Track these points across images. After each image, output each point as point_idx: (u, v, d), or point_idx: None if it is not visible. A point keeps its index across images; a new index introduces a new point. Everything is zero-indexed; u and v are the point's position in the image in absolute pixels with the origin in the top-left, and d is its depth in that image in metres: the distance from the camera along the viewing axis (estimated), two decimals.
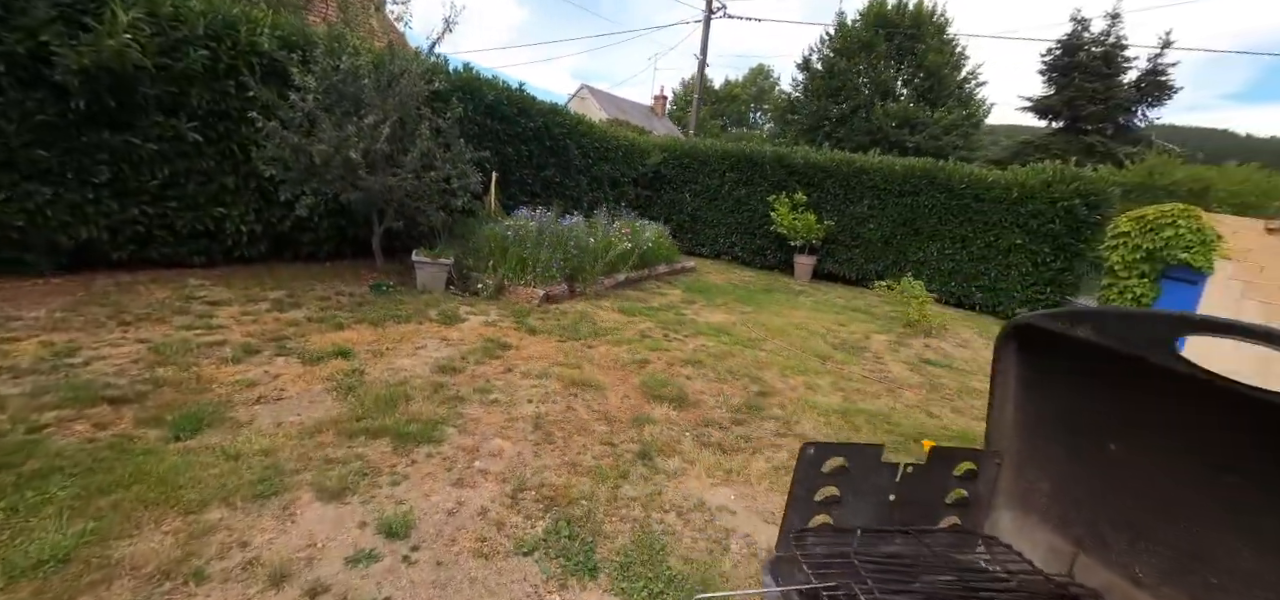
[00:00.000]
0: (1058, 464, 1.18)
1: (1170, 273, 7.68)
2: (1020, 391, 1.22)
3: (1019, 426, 1.24)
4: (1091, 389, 1.12)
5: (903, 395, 5.27)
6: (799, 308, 8.98)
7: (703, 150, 13.83)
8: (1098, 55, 21.47)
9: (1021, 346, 1.19)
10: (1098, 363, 1.05)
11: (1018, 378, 1.21)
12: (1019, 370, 1.21)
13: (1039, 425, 1.20)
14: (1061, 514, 1.15)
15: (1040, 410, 1.20)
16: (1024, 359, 1.20)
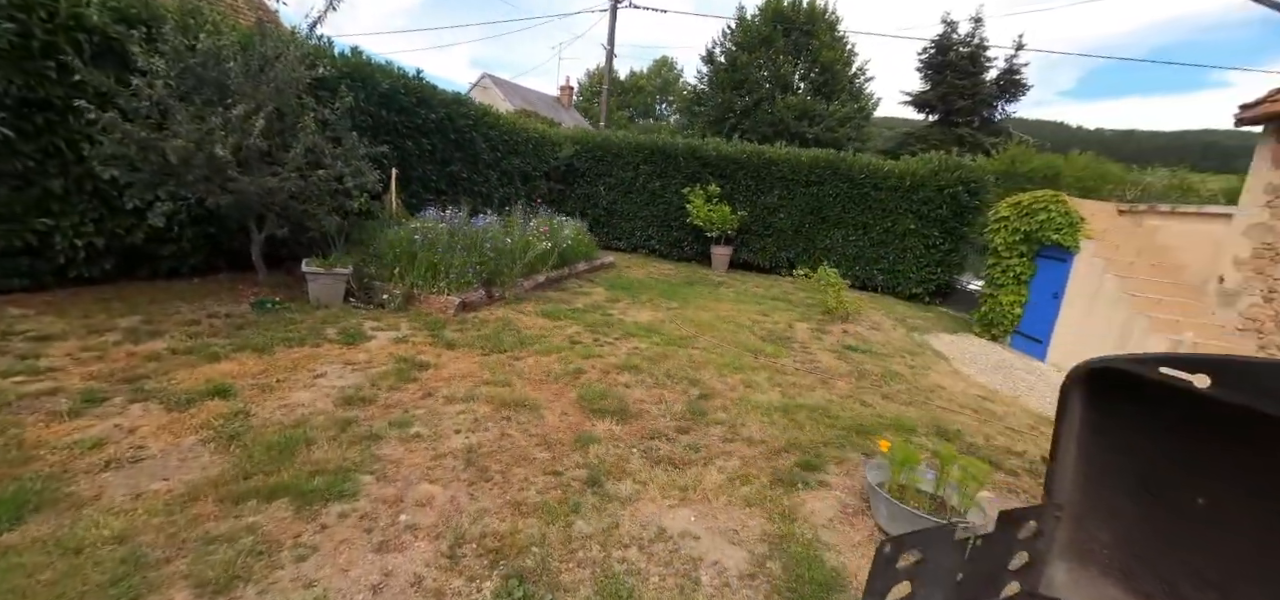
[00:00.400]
0: (1123, 516, 1.07)
1: (1044, 252, 8.52)
2: (1086, 437, 1.10)
3: (1080, 476, 1.11)
4: (1177, 437, 1.01)
5: (835, 385, 5.37)
6: (722, 300, 9.03)
7: (616, 142, 13.58)
8: (965, 55, 23.76)
9: (1091, 390, 1.07)
10: (1190, 410, 0.93)
11: (1085, 422, 1.09)
12: (1086, 414, 1.08)
13: (1104, 475, 1.09)
14: (1124, 566, 1.05)
15: (1106, 458, 1.08)
16: (1093, 403, 1.07)
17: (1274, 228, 6.44)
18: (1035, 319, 8.55)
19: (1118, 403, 1.06)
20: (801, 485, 3.44)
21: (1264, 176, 6.60)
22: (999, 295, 9.08)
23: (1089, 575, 1.10)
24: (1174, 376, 0.91)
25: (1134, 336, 6.82)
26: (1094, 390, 1.07)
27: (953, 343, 8.53)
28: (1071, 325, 7.79)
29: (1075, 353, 7.62)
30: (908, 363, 6.67)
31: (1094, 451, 1.10)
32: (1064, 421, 1.12)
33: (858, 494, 3.43)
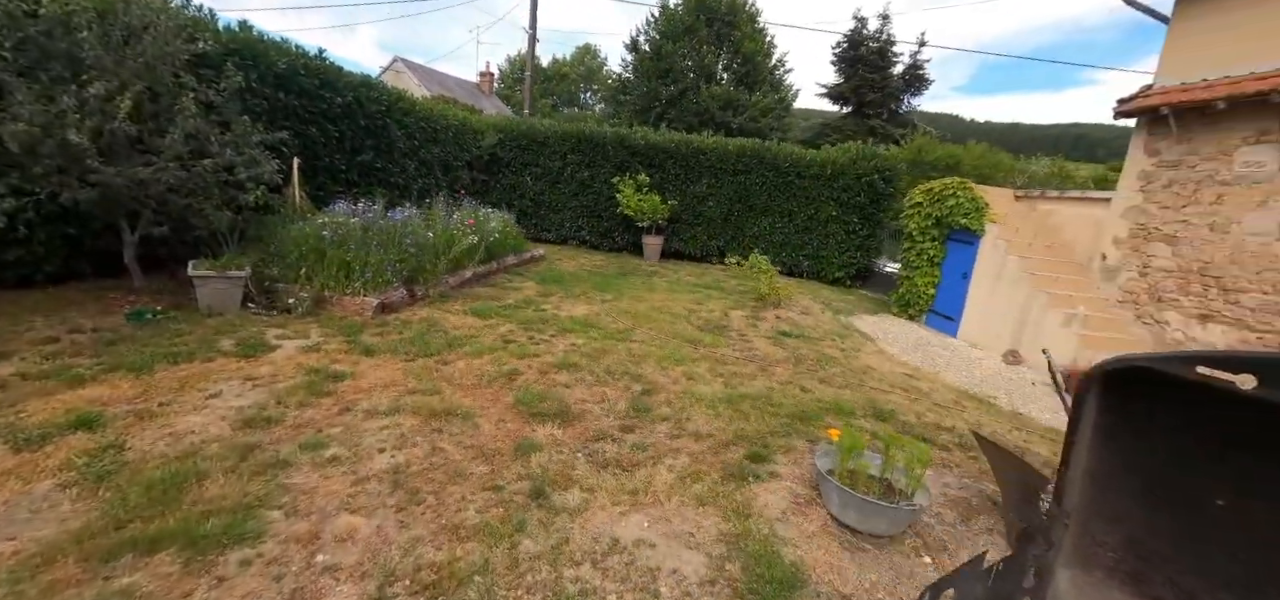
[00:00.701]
0: (1133, 518, 1.01)
1: (954, 235, 9.09)
2: (1097, 440, 1.03)
3: (1089, 478, 1.05)
4: (1200, 437, 0.95)
5: (775, 373, 5.41)
6: (656, 290, 8.95)
7: (541, 131, 13.15)
8: (874, 50, 25.08)
9: (1106, 389, 1.00)
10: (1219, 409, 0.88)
11: (1097, 426, 1.02)
12: (1099, 417, 1.01)
13: (1112, 476, 1.03)
14: (1133, 570, 1.00)
15: (1115, 460, 1.02)
16: (1107, 404, 1.00)
17: (1147, 210, 7.17)
18: (947, 298, 9.11)
19: (1132, 401, 1.00)
20: (752, 478, 3.39)
21: (1138, 163, 7.34)
22: (914, 277, 9.60)
23: (1093, 580, 1.06)
24: (1212, 376, 0.85)
25: (1033, 312, 7.40)
26: (1109, 389, 1.01)
27: (875, 324, 8.93)
28: (979, 303, 8.36)
29: (983, 328, 8.20)
30: (839, 346, 6.87)
31: (1104, 453, 1.04)
32: (1079, 426, 1.05)
33: (807, 482, 3.42)
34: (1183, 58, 6.91)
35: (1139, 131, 7.35)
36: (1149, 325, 7.01)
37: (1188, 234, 6.68)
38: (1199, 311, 6.49)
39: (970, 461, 3.99)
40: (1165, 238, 6.92)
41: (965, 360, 7.41)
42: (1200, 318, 6.48)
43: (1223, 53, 6.45)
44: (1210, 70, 6.55)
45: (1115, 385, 0.98)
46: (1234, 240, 6.21)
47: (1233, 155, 6.30)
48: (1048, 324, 7.20)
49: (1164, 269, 6.92)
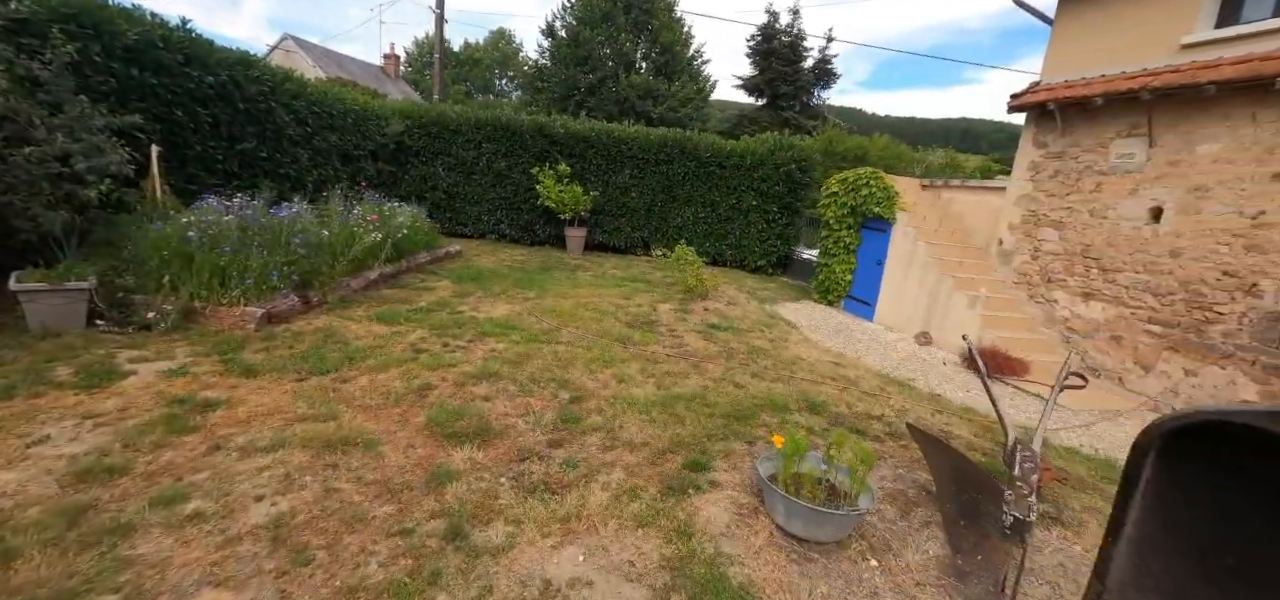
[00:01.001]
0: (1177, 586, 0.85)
1: (868, 223, 9.43)
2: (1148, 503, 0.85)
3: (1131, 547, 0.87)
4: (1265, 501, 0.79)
5: (707, 370, 5.26)
6: (582, 285, 8.61)
7: (454, 118, 12.33)
8: (786, 43, 25.87)
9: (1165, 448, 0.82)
10: None
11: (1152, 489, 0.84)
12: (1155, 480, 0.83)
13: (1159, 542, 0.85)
14: None
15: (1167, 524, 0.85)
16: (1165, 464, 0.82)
17: (1036, 198, 7.73)
18: (863, 284, 9.45)
19: (1190, 458, 0.83)
20: (692, 490, 3.18)
21: (1028, 155, 7.88)
22: (832, 265, 9.88)
23: None
24: None
25: (942, 295, 7.79)
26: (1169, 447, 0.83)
27: (798, 311, 9.10)
28: (893, 288, 8.72)
29: (896, 312, 8.55)
30: (767, 336, 6.88)
31: (1149, 521, 0.88)
32: (1132, 494, 0.86)
33: (748, 488, 3.27)
34: (1065, 57, 7.47)
35: (1028, 125, 7.90)
36: (1041, 304, 7.58)
37: (1072, 219, 7.25)
38: (1083, 290, 7.07)
39: (902, 451, 4.02)
40: (1053, 223, 7.49)
41: (882, 344, 7.69)
42: (1084, 296, 7.06)
43: (1099, 53, 7.02)
44: (1089, 69, 7.11)
45: (1175, 442, 0.81)
46: (1110, 225, 6.80)
47: (1108, 147, 6.88)
48: (954, 306, 7.60)
49: (1052, 252, 7.48)
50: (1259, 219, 5.53)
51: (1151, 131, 6.39)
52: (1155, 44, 6.48)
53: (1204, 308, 5.90)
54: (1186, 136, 6.12)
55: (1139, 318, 6.46)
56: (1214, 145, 5.89)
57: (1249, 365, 5.53)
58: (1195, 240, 6.01)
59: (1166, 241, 6.25)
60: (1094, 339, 6.92)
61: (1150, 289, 6.37)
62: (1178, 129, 6.19)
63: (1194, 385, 5.93)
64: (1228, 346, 5.69)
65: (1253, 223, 5.57)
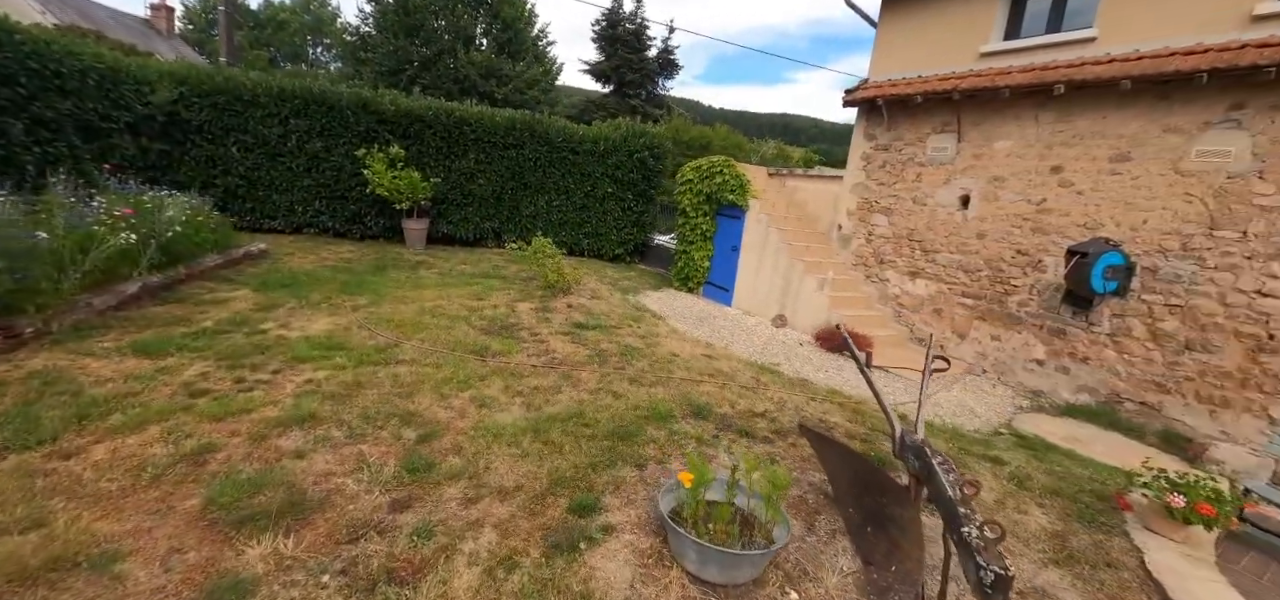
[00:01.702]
0: None
1: (723, 211, 9.55)
2: None
3: None
4: None
5: (581, 380, 4.68)
6: (426, 285, 7.47)
7: (250, 86, 10.05)
8: (631, 31, 25.88)
9: None
10: None
11: None
12: None
13: None
14: None
15: None
16: None
17: (869, 186, 8.36)
18: (721, 270, 9.58)
19: None
20: (583, 541, 2.61)
21: (860, 147, 8.49)
22: (691, 252, 9.88)
23: None
24: None
25: (794, 279, 8.11)
26: None
27: (661, 300, 8.92)
28: (749, 273, 8.92)
29: (753, 297, 8.76)
30: (637, 332, 6.50)
31: None
32: None
33: (647, 526, 2.79)
34: (888, 58, 8.12)
35: (860, 119, 8.50)
36: (875, 283, 8.24)
37: (898, 206, 7.95)
38: (909, 270, 7.80)
39: (791, 450, 3.86)
40: (883, 209, 8.15)
41: (744, 329, 7.78)
42: (910, 275, 7.79)
43: (917, 56, 7.71)
44: (909, 70, 7.79)
45: None
46: (930, 211, 7.55)
47: (926, 141, 7.61)
48: (805, 289, 7.94)
49: (883, 236, 8.15)
50: (1042, 206, 6.44)
51: (960, 128, 7.15)
52: (961, 51, 7.25)
53: (1004, 282, 6.77)
54: (987, 133, 6.94)
55: (955, 292, 7.26)
56: (1007, 142, 6.74)
57: (1038, 329, 6.45)
58: (995, 224, 6.86)
59: (974, 225, 7.07)
60: (920, 313, 7.67)
61: (963, 267, 7.18)
62: (980, 127, 7.00)
63: (998, 348, 6.80)
64: (1022, 314, 6.59)
65: (1037, 208, 6.48)
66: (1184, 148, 5.46)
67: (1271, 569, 3.61)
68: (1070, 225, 6.20)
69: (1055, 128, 6.34)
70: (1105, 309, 5.92)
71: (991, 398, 6.20)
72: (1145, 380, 5.67)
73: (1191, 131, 5.42)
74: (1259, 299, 5.00)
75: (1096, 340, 6.00)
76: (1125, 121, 5.82)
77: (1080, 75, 5.90)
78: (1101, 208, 5.99)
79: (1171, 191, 5.54)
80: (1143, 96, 5.68)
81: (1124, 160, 5.84)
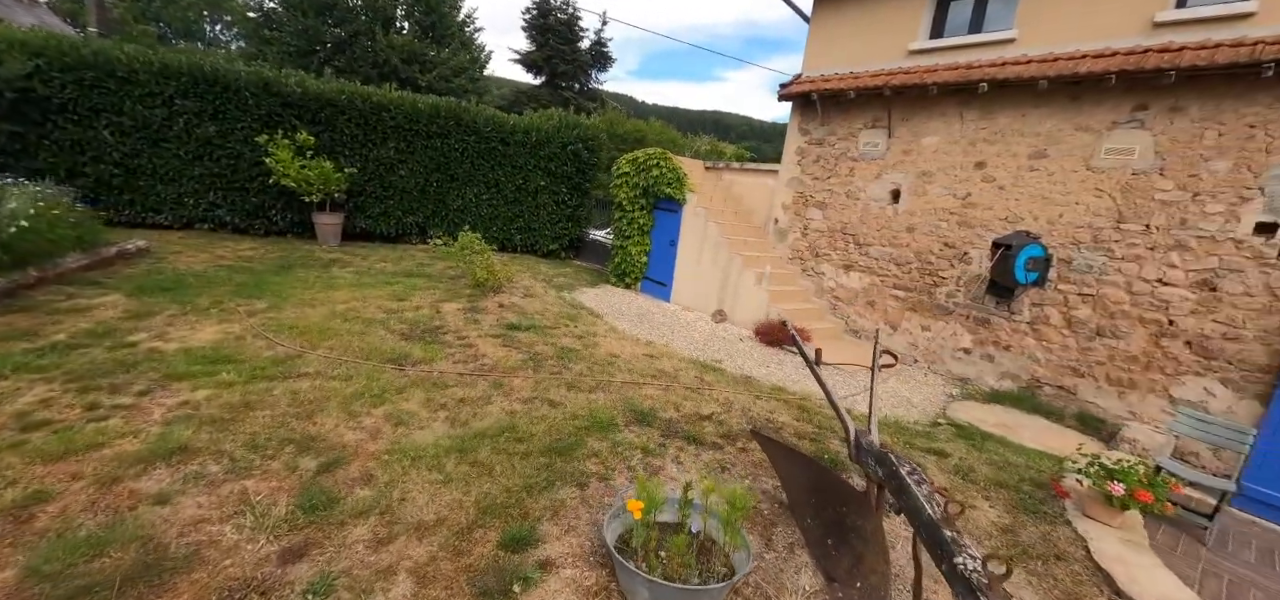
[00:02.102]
0: None
1: (660, 204, 9.32)
2: None
3: None
4: None
5: (514, 388, 4.26)
6: (339, 285, 6.74)
7: (125, 61, 8.78)
8: (563, 21, 25.20)
9: None
10: None
11: None
12: None
13: None
14: None
15: None
16: None
17: (803, 181, 8.38)
18: (659, 265, 9.35)
19: None
20: (518, 584, 2.25)
21: (794, 140, 8.50)
22: (628, 247, 9.59)
23: None
24: None
25: (732, 273, 8.00)
26: None
27: (598, 297, 8.58)
28: (688, 268, 8.74)
29: (693, 291, 8.59)
30: (574, 332, 6.12)
31: None
32: None
33: (591, 557, 2.46)
34: (821, 54, 8.14)
35: (795, 114, 8.50)
36: (811, 276, 8.29)
37: (832, 201, 8.01)
38: (844, 263, 7.88)
39: (742, 455, 3.64)
40: (818, 204, 8.19)
41: (684, 325, 7.59)
42: (845, 267, 7.87)
43: (848, 53, 7.77)
44: (841, 66, 7.84)
45: None
46: (862, 205, 7.64)
47: (858, 137, 7.69)
48: (744, 283, 7.85)
49: (818, 229, 8.20)
50: (967, 200, 6.63)
51: (891, 124, 7.26)
52: (891, 48, 7.35)
53: (932, 273, 6.94)
54: (916, 130, 7.08)
55: (887, 284, 7.39)
56: (935, 138, 6.90)
57: (965, 319, 6.66)
58: (924, 218, 7.01)
59: (904, 219, 7.21)
60: (854, 305, 7.76)
61: (894, 260, 7.31)
62: (909, 123, 7.13)
63: (929, 338, 6.97)
64: (950, 305, 6.78)
65: (963, 203, 6.66)
66: (1094, 145, 5.74)
67: (1182, 541, 3.78)
68: (994, 219, 6.42)
69: (979, 125, 6.53)
70: (1026, 299, 6.17)
71: (925, 387, 6.33)
72: (1062, 365, 5.95)
73: (1101, 130, 5.70)
74: (1160, 287, 5.33)
75: (1018, 328, 6.25)
76: (1042, 120, 6.07)
77: (1001, 74, 6.09)
78: (1021, 202, 6.22)
79: (1084, 187, 5.82)
80: (1058, 96, 5.93)
81: (1041, 157, 6.08)
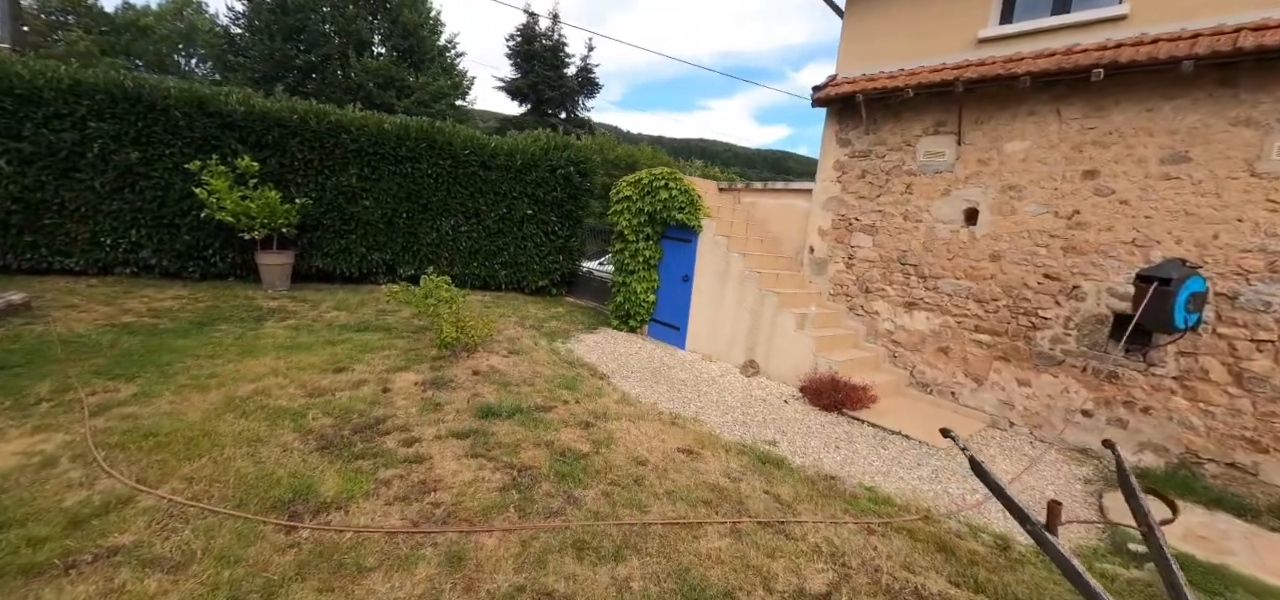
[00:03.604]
0: None
1: (670, 232, 7.67)
2: None
3: None
4: None
5: (484, 560, 2.45)
6: (263, 347, 4.94)
7: (26, 77, 7.03)
8: (548, 47, 23.88)
9: None
10: None
11: None
12: None
13: None
14: None
15: None
16: None
17: (845, 201, 6.78)
18: (669, 305, 7.66)
19: None
20: None
21: (831, 154, 6.92)
22: (631, 283, 7.90)
23: None
24: None
25: (766, 315, 6.32)
26: None
27: (599, 346, 6.86)
28: (705, 308, 7.06)
29: (713, 337, 6.88)
30: (576, 413, 4.35)
31: None
32: None
33: None
34: (862, 48, 6.63)
35: (830, 122, 6.94)
36: (861, 316, 6.63)
37: (885, 224, 6.40)
38: (904, 300, 6.24)
39: None
40: (865, 228, 6.58)
41: (709, 382, 5.87)
42: (906, 306, 6.23)
43: (899, 46, 6.26)
44: (889, 62, 6.31)
45: None
46: (926, 228, 6.04)
47: (916, 145, 6.13)
48: (782, 328, 6.18)
49: (867, 259, 6.58)
50: (1075, 219, 5.05)
51: (960, 128, 5.71)
52: (952, 36, 5.85)
53: (1029, 313, 5.32)
54: (993, 134, 5.53)
55: (965, 327, 5.75)
56: (1022, 143, 5.35)
57: (1080, 372, 5.02)
58: (1014, 242, 5.42)
59: (985, 245, 5.61)
60: (921, 352, 6.10)
61: (974, 296, 5.69)
62: (985, 126, 5.59)
63: (1029, 396, 5.31)
64: (1057, 353, 5.14)
65: (1069, 223, 5.08)
66: (1261, 144, 4.20)
67: None
68: (1114, 242, 4.84)
69: (1085, 124, 4.99)
70: (1170, 347, 4.55)
71: (1046, 467, 4.64)
72: (1232, 435, 4.32)
73: (1270, 124, 4.16)
74: None
75: (1160, 385, 4.62)
76: (1179, 114, 4.53)
77: (1123, 57, 4.56)
78: (1155, 220, 4.65)
79: (1248, 199, 4.26)
80: (1203, 82, 4.40)
81: (1181, 161, 4.53)
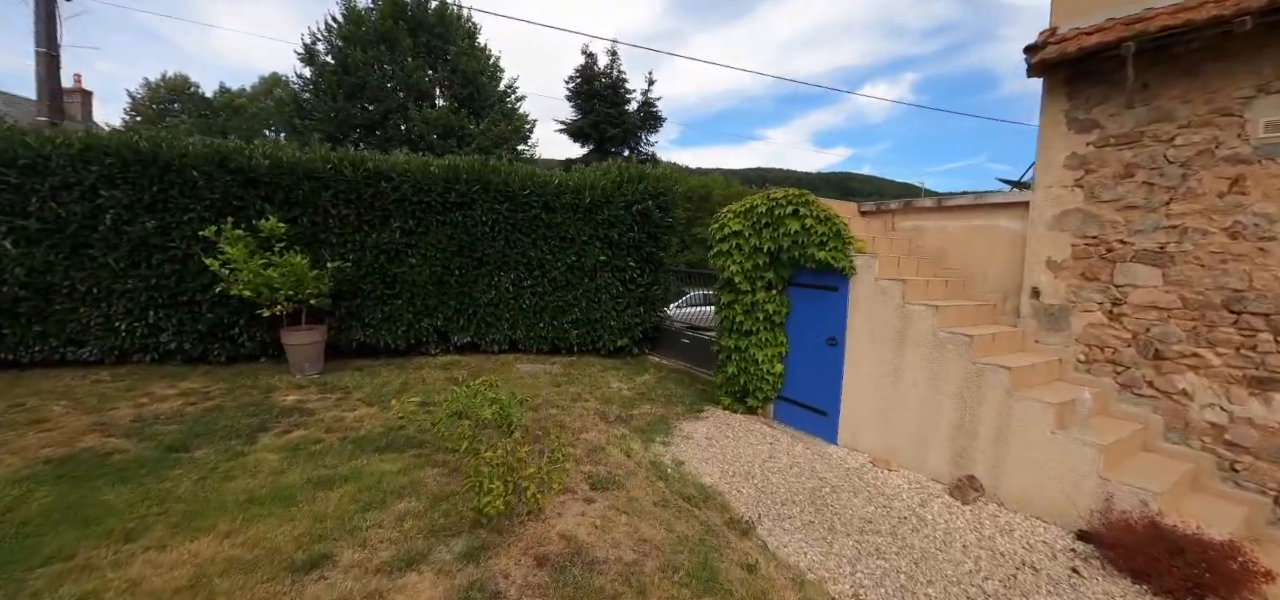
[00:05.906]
0: None
1: (800, 277, 5.32)
2: None
3: None
4: None
5: None
6: (222, 502, 3.01)
7: (34, 146, 5.86)
8: (608, 85, 22.49)
9: None
10: None
11: None
12: None
13: None
14: None
15: None
16: None
17: (1097, 215, 4.21)
18: (805, 378, 5.27)
19: None
20: None
21: (1062, 145, 4.40)
22: (748, 348, 5.58)
23: None
24: None
25: (991, 400, 3.80)
26: None
27: (714, 445, 4.57)
28: (869, 384, 4.61)
29: (885, 429, 4.39)
30: None
31: None
32: None
33: None
34: None
35: (1054, 96, 4.45)
36: (1151, 398, 3.95)
37: (1188, 245, 3.79)
38: (1248, 373, 3.55)
39: None
40: (1146, 255, 3.98)
41: (909, 520, 3.42)
42: (1253, 385, 3.53)
43: None
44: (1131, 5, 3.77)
45: None
46: None
47: (1245, 114, 3.52)
48: (1021, 421, 3.65)
49: (1153, 304, 3.95)
50: None
51: None
52: None
53: None
54: None
55: None
56: None
57: None
58: None
59: None
60: None
61: None
62: None
63: None
64: None
65: None
66: None
67: None
68: None
69: None
70: None
71: None
72: None
73: None
74: None
75: None
76: None
77: None
78: None
79: None
80: None
81: None
